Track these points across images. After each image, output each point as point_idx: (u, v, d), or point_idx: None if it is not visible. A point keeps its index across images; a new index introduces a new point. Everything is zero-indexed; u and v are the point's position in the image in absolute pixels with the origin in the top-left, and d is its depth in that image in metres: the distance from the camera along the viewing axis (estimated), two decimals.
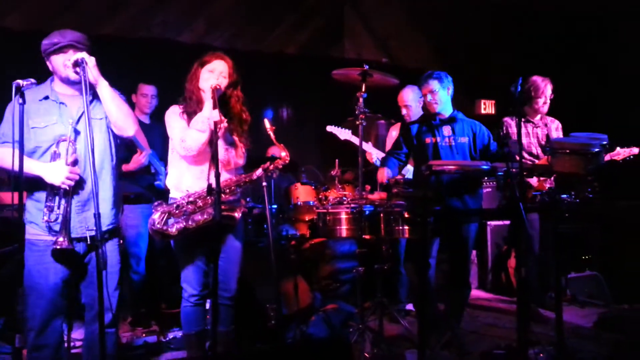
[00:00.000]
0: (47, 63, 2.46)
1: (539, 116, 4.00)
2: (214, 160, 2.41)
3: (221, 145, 2.75)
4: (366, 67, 3.32)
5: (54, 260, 2.38)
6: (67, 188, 2.37)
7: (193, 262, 2.75)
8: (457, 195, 3.32)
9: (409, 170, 4.06)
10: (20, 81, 2.24)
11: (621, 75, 5.27)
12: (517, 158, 2.70)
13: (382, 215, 3.18)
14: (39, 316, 2.39)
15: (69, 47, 2.38)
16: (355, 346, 3.21)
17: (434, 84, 3.38)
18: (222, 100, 2.70)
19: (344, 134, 4.34)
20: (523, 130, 3.98)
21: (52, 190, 2.39)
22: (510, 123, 3.91)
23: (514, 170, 2.69)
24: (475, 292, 4.85)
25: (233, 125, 2.80)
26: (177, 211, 2.68)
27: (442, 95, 3.40)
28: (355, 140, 3.36)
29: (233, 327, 2.86)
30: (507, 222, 5.06)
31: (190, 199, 2.69)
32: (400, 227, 3.15)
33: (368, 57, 6.43)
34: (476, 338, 3.61)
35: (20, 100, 2.23)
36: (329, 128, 4.41)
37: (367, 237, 3.26)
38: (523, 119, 3.98)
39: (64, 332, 2.58)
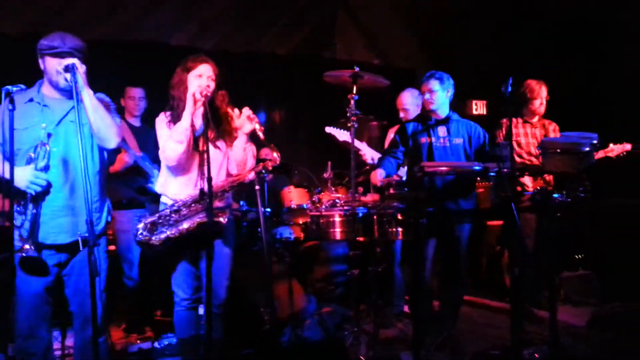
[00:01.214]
0: (40, 61, 2.40)
1: (536, 118, 4.09)
2: (204, 166, 2.39)
3: (240, 144, 2.73)
4: (357, 69, 3.32)
5: (21, 270, 2.26)
6: (33, 193, 2.31)
7: (182, 266, 2.74)
8: (450, 196, 3.33)
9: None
10: (9, 87, 2.21)
11: (618, 70, 5.26)
12: (509, 159, 2.71)
13: (375, 217, 3.18)
14: (23, 322, 2.36)
15: (68, 54, 2.33)
16: (351, 349, 3.20)
17: (434, 84, 3.40)
18: (210, 104, 2.67)
19: (343, 135, 4.23)
20: (522, 130, 4.09)
21: (21, 195, 2.33)
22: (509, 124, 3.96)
23: (505, 170, 2.70)
24: (469, 292, 4.85)
25: (223, 126, 2.77)
26: (160, 221, 2.65)
27: (440, 96, 3.41)
28: (355, 142, 3.35)
29: (223, 337, 2.79)
30: (500, 222, 5.08)
31: (175, 207, 2.66)
32: (394, 229, 3.15)
33: (360, 58, 6.43)
34: (471, 338, 3.62)
35: (10, 107, 2.19)
36: (328, 129, 4.29)
37: (361, 239, 3.25)
38: (522, 120, 4.08)
39: (53, 340, 2.54)
